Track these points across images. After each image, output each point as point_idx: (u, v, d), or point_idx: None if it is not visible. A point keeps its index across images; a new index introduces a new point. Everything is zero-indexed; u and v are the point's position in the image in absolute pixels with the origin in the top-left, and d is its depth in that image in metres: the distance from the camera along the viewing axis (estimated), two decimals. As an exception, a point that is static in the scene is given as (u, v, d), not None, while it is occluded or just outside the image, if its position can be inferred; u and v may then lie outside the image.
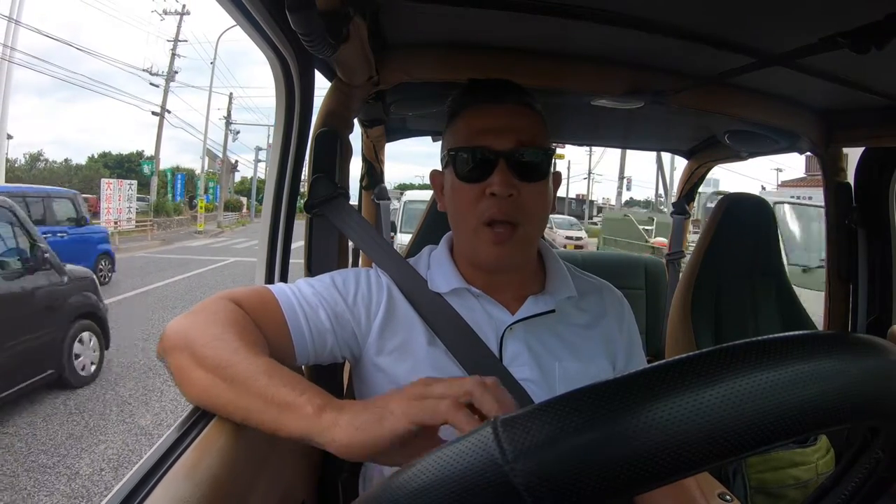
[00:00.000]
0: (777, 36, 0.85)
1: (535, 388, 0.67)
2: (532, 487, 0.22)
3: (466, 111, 0.71)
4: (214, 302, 0.62)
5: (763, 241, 1.57)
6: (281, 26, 0.79)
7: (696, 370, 0.23)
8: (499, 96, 0.70)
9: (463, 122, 0.70)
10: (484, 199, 0.66)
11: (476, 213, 0.67)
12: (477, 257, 0.70)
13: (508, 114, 0.69)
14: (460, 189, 0.69)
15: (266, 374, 0.52)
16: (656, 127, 1.67)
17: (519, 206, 0.66)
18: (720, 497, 0.89)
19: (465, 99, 0.72)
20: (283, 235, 0.98)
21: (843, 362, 0.24)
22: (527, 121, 0.69)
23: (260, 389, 0.51)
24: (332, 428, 0.47)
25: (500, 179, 0.65)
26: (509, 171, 0.66)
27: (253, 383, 0.51)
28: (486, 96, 0.70)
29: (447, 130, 0.74)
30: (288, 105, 0.94)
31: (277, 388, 0.50)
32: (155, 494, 0.45)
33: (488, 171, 0.66)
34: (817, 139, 1.31)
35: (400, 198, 8.96)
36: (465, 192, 0.68)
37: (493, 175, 0.65)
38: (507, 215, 0.66)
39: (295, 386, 0.50)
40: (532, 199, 0.67)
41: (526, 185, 0.66)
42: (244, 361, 0.53)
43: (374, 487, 0.28)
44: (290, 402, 0.49)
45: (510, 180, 0.65)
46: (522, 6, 0.81)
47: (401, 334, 0.69)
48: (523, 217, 0.67)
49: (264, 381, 0.51)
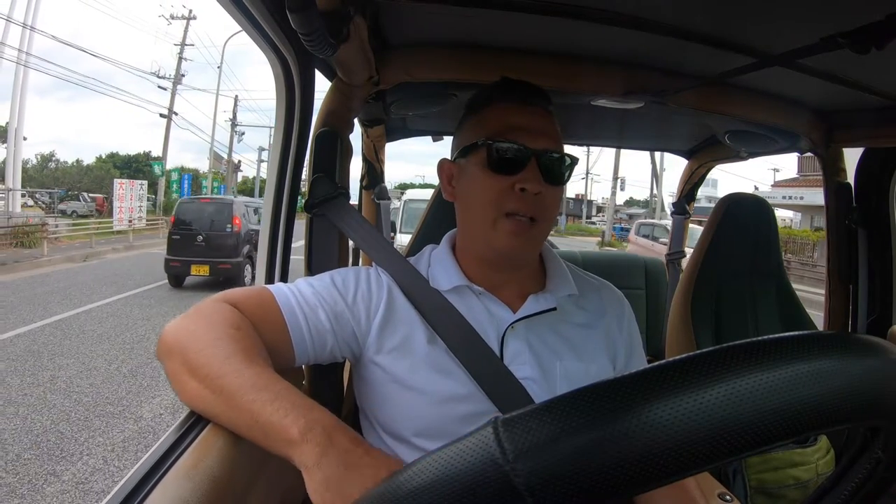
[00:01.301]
0: (777, 36, 0.85)
1: (536, 387, 0.67)
2: (532, 487, 0.22)
3: (498, 105, 0.72)
4: (211, 304, 0.62)
5: (763, 241, 1.57)
6: (281, 26, 0.79)
7: (697, 370, 0.23)
8: (529, 98, 0.72)
9: (494, 115, 0.71)
10: (512, 192, 0.68)
11: (498, 204, 0.68)
12: (490, 247, 0.70)
13: (541, 116, 0.71)
14: (487, 179, 0.69)
15: (255, 388, 0.51)
16: (656, 127, 1.67)
17: (541, 205, 0.68)
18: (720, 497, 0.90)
19: (495, 94, 0.73)
20: (284, 235, 0.98)
21: (844, 362, 0.24)
22: (553, 127, 0.72)
23: (247, 405, 0.50)
24: (309, 469, 0.46)
25: (534, 177, 0.67)
26: (539, 171, 0.67)
27: (241, 398, 0.50)
28: (519, 95, 0.72)
29: (469, 121, 0.74)
30: (288, 105, 0.94)
31: (264, 405, 0.49)
32: (154, 495, 0.45)
33: (520, 166, 0.68)
34: (817, 139, 1.31)
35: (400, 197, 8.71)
36: (493, 182, 0.69)
37: (524, 171, 0.67)
38: (532, 211, 0.68)
39: (282, 404, 0.49)
40: (552, 200, 0.70)
41: (549, 187, 0.69)
42: (234, 373, 0.52)
43: (375, 487, 0.28)
44: (274, 423, 0.48)
45: (540, 179, 0.67)
46: (523, 6, 0.81)
47: (401, 333, 0.69)
48: (542, 215, 0.69)
49: (251, 395, 0.50)
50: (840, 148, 1.37)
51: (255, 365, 0.54)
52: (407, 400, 0.67)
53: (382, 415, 0.69)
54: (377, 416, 0.70)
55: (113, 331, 5.31)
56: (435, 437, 0.65)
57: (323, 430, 0.47)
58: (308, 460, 0.46)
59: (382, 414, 0.69)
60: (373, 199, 2.02)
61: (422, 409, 0.66)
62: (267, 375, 0.53)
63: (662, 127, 1.67)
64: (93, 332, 5.25)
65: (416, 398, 0.66)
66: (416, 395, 0.66)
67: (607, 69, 1.05)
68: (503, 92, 0.73)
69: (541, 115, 0.71)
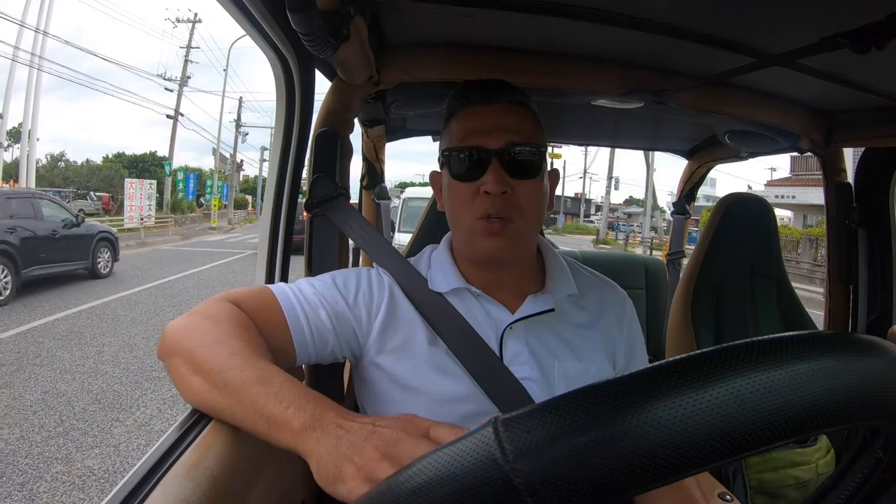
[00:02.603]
0: (777, 36, 0.85)
1: (536, 388, 0.67)
2: (532, 487, 0.22)
3: (460, 113, 0.72)
4: (214, 303, 0.62)
5: (763, 241, 1.57)
6: (282, 26, 0.79)
7: (697, 370, 0.23)
8: (490, 97, 0.70)
9: (457, 123, 0.71)
10: (479, 196, 0.67)
11: (471, 210, 0.68)
12: (473, 251, 0.71)
13: (500, 113, 0.69)
14: (456, 188, 0.70)
15: (258, 381, 0.51)
16: (656, 127, 1.67)
17: (512, 203, 0.67)
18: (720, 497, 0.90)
19: (458, 101, 0.73)
20: (284, 235, 0.98)
21: (844, 362, 0.24)
22: (518, 119, 0.70)
23: (251, 399, 0.50)
24: (310, 456, 0.46)
25: (494, 178, 0.66)
26: (502, 170, 0.67)
27: (245, 392, 0.51)
28: (478, 97, 0.71)
29: (443, 132, 0.75)
30: (288, 105, 0.94)
31: (267, 398, 0.49)
32: (154, 495, 0.45)
33: (482, 170, 0.67)
34: (817, 139, 1.31)
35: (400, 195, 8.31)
36: (461, 190, 0.69)
37: (486, 174, 0.66)
38: (501, 211, 0.67)
39: (284, 397, 0.49)
40: (525, 195, 0.68)
41: (519, 183, 0.67)
42: (237, 368, 0.52)
43: (375, 487, 0.28)
44: (276, 415, 0.48)
45: (503, 178, 0.66)
46: (523, 6, 0.81)
47: (402, 334, 0.69)
48: (517, 213, 0.68)
49: (255, 389, 0.50)
50: (840, 148, 1.37)
51: (259, 360, 0.54)
52: (407, 400, 0.67)
53: (383, 414, 0.69)
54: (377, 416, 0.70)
55: (143, 316, 5.88)
56: None
57: (322, 417, 0.47)
58: (308, 445, 0.46)
59: (383, 414, 0.69)
60: (373, 198, 2.02)
61: (422, 410, 0.66)
62: (271, 370, 0.53)
63: (662, 127, 1.67)
64: (125, 316, 5.84)
65: (416, 398, 0.66)
66: (416, 395, 0.67)
67: (607, 69, 1.05)
68: (465, 97, 0.72)
69: (501, 111, 0.70)
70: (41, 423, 3.14)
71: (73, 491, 2.45)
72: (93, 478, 2.57)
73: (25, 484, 2.50)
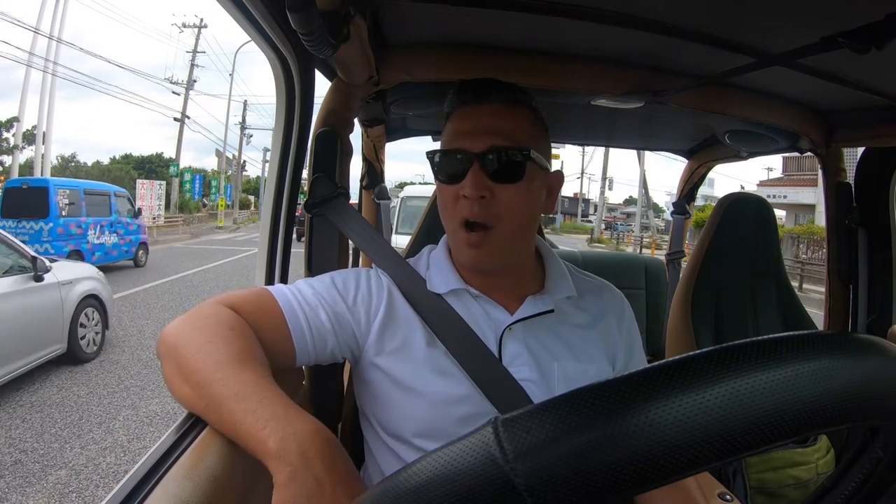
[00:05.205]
0: (777, 36, 0.85)
1: (535, 388, 0.67)
2: (532, 487, 0.22)
3: (453, 114, 0.71)
4: (209, 307, 0.61)
5: (763, 241, 1.57)
6: (281, 26, 0.79)
7: (697, 370, 0.23)
8: (482, 97, 0.69)
9: (449, 124, 0.71)
10: (459, 200, 0.66)
11: (453, 214, 0.68)
12: (458, 259, 0.72)
13: (487, 114, 0.68)
14: (441, 190, 0.70)
15: (237, 397, 0.50)
16: (656, 127, 1.67)
17: (492, 208, 0.66)
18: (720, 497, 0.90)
19: (452, 103, 0.72)
20: (284, 235, 0.98)
21: (844, 362, 0.24)
22: (509, 121, 0.67)
23: (229, 416, 0.50)
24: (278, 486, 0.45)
25: (472, 181, 0.65)
26: (482, 173, 0.65)
27: (224, 408, 0.50)
28: (470, 98, 0.70)
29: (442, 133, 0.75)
30: (288, 105, 0.94)
31: (245, 416, 0.49)
32: (154, 495, 0.45)
33: (463, 172, 0.66)
34: (817, 139, 1.31)
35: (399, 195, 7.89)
36: (445, 193, 0.69)
37: (466, 177, 0.66)
38: (480, 217, 0.66)
39: (263, 413, 0.48)
40: (507, 201, 0.66)
41: (501, 187, 0.66)
42: (221, 381, 0.52)
43: (375, 487, 0.28)
44: (252, 434, 0.48)
45: (483, 182, 0.65)
46: (523, 6, 0.81)
47: (401, 335, 0.69)
48: (497, 219, 0.66)
49: (233, 405, 0.50)
50: (840, 148, 1.37)
51: (244, 371, 0.53)
52: (406, 401, 0.67)
53: (382, 415, 0.69)
54: (377, 417, 0.70)
55: (172, 302, 6.99)
56: (434, 438, 0.65)
57: (299, 448, 0.46)
58: (278, 478, 0.46)
59: (382, 414, 0.69)
60: (373, 199, 2.02)
61: (421, 411, 0.66)
62: (254, 382, 0.52)
63: (662, 127, 1.67)
64: (156, 303, 6.91)
65: (415, 399, 0.66)
66: (415, 396, 0.66)
67: (607, 69, 1.05)
68: (458, 98, 0.71)
69: (489, 112, 0.67)
70: (105, 382, 4.05)
71: (142, 426, 3.32)
72: (157, 417, 3.45)
73: (102, 423, 3.35)
